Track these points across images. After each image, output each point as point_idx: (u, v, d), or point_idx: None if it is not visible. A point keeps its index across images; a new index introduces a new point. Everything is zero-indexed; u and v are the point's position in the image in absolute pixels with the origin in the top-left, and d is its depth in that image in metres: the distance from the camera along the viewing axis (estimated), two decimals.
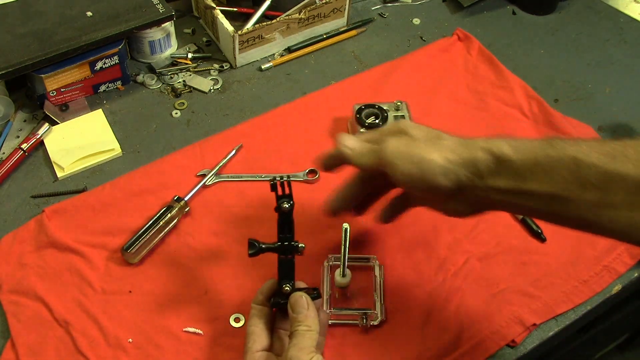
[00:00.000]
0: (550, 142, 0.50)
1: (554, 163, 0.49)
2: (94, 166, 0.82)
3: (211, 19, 0.97)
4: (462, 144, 0.54)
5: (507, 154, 0.51)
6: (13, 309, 0.67)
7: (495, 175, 0.52)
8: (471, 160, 0.53)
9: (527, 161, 0.50)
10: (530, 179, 0.50)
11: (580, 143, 0.49)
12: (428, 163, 0.53)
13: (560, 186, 0.49)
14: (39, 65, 0.82)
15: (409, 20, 1.06)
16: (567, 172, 0.49)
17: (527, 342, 0.67)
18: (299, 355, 0.55)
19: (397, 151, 0.55)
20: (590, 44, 1.02)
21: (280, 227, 0.61)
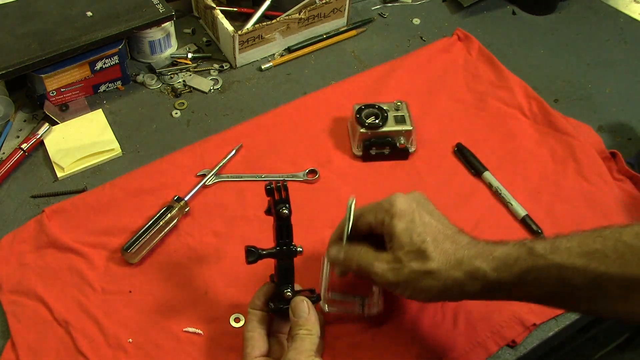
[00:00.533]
0: (530, 250, 0.53)
1: (538, 274, 0.52)
2: (94, 166, 0.82)
3: (211, 19, 0.97)
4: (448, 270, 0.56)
5: (491, 278, 0.54)
6: (13, 309, 0.67)
7: (485, 293, 0.56)
8: (458, 287, 0.56)
9: (511, 279, 0.54)
10: (521, 289, 0.54)
11: (560, 247, 0.52)
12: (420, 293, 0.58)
13: (550, 290, 0.53)
14: (39, 65, 0.82)
15: (409, 20, 1.06)
16: (553, 279, 0.52)
17: (527, 342, 0.67)
18: (298, 358, 0.55)
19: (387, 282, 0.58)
20: (590, 44, 1.02)
21: (279, 232, 0.61)
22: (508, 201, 0.78)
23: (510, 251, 0.54)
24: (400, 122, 0.82)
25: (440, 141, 0.85)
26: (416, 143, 0.84)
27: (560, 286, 0.52)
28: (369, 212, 0.62)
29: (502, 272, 0.54)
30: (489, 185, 0.80)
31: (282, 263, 0.61)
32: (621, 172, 0.82)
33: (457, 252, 0.57)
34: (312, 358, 0.55)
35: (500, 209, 0.78)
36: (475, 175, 0.82)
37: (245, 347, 0.60)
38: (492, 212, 0.78)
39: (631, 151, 0.86)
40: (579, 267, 0.50)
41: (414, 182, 0.80)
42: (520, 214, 0.76)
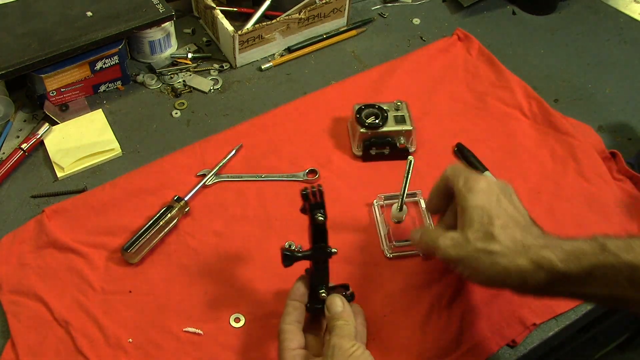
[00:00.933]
0: (602, 245, 0.52)
1: (608, 271, 0.51)
2: (94, 166, 0.82)
3: (211, 19, 0.97)
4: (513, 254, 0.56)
5: (558, 268, 0.53)
6: (13, 309, 0.67)
7: (548, 286, 0.54)
8: (520, 275, 0.55)
9: (580, 272, 0.52)
10: (586, 286, 0.53)
11: (633, 246, 0.51)
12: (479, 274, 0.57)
13: (618, 290, 0.51)
14: (39, 65, 0.82)
15: (409, 20, 1.06)
16: (623, 279, 0.50)
17: (527, 342, 0.67)
18: (341, 343, 0.56)
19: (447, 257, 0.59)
20: (590, 44, 1.02)
21: (314, 237, 0.62)
22: None
23: (580, 245, 0.53)
24: (400, 122, 0.82)
25: (440, 141, 0.85)
26: (416, 143, 0.84)
27: (629, 287, 0.50)
28: (455, 173, 0.63)
29: (571, 264, 0.52)
30: None
31: (317, 265, 0.62)
32: (621, 172, 0.82)
33: (526, 240, 0.56)
34: (354, 342, 0.56)
35: None
36: None
37: (282, 340, 0.59)
38: None
39: (631, 151, 0.86)
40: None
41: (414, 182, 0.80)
42: None
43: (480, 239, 0.57)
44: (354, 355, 0.54)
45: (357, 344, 0.56)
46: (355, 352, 0.55)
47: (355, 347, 0.55)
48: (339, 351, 0.55)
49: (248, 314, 0.68)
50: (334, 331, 0.58)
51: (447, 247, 0.59)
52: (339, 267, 0.71)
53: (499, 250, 0.56)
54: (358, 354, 0.55)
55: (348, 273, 0.71)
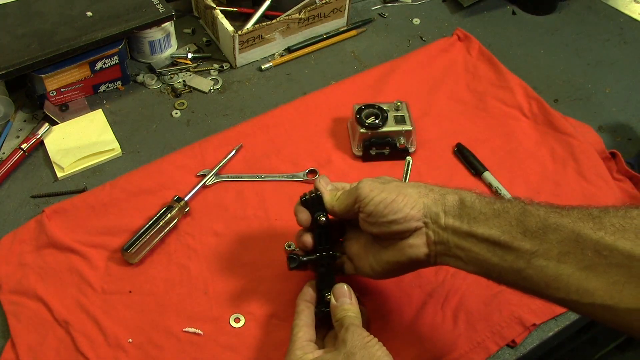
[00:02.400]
0: (522, 205, 0.53)
1: (505, 211, 0.53)
2: (94, 166, 0.82)
3: (211, 19, 0.97)
4: (434, 189, 0.58)
5: (472, 202, 0.55)
6: (13, 309, 0.67)
7: (454, 216, 0.56)
8: (440, 198, 0.57)
9: (487, 211, 0.54)
10: (481, 225, 0.54)
11: (541, 203, 0.53)
12: (402, 196, 0.57)
13: (504, 230, 0.52)
14: (39, 65, 0.82)
15: (409, 20, 1.06)
16: (514, 218, 0.52)
17: (527, 342, 0.67)
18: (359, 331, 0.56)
19: (372, 186, 0.59)
20: (590, 44, 1.02)
21: (318, 239, 0.63)
22: None
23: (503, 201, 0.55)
24: (400, 122, 0.82)
25: (440, 141, 0.85)
26: (416, 143, 0.84)
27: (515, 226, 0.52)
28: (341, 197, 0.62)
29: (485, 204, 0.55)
30: (489, 185, 0.80)
31: (322, 268, 0.63)
32: (621, 172, 0.82)
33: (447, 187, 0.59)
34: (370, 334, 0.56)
35: None
36: (475, 175, 0.82)
37: (295, 333, 0.59)
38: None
39: (631, 151, 0.86)
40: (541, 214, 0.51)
41: None
42: None
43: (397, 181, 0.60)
44: (371, 342, 0.54)
45: (373, 337, 0.56)
46: (372, 340, 0.55)
47: (371, 337, 0.55)
48: (358, 336, 0.55)
49: (248, 314, 0.68)
50: (348, 320, 0.57)
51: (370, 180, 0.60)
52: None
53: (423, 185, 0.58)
54: (374, 342, 0.55)
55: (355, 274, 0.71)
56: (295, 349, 0.57)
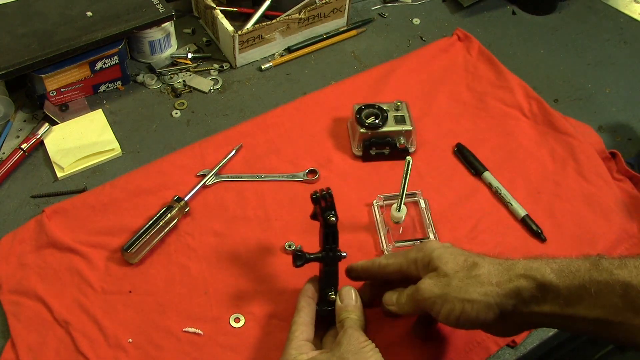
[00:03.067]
0: (595, 263, 0.49)
1: (601, 288, 0.48)
2: (94, 166, 0.82)
3: (211, 19, 0.97)
4: (500, 272, 0.53)
5: (550, 280, 0.50)
6: (13, 309, 0.67)
7: (539, 301, 0.51)
8: (514, 290, 0.51)
9: (573, 287, 0.49)
10: (577, 305, 0.49)
11: (629, 265, 0.48)
12: (469, 304, 0.52)
13: (611, 312, 0.48)
14: (39, 65, 0.82)
15: (409, 20, 1.05)
16: (617, 298, 0.47)
17: (527, 342, 0.67)
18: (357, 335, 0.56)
19: (433, 296, 0.54)
20: (590, 44, 1.02)
21: (326, 238, 0.62)
22: (508, 201, 0.78)
23: (574, 262, 0.51)
24: (400, 122, 0.82)
25: (440, 141, 0.85)
26: (416, 143, 0.84)
27: (623, 307, 0.47)
28: (397, 256, 0.60)
29: (564, 277, 0.50)
30: (489, 185, 0.80)
31: (327, 268, 0.63)
32: (621, 172, 0.82)
33: (511, 260, 0.54)
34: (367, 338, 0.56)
35: (500, 209, 0.78)
36: (475, 175, 0.82)
37: (293, 330, 0.59)
38: (492, 212, 0.78)
39: (631, 151, 0.86)
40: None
41: (414, 182, 0.80)
42: (520, 214, 0.76)
43: (461, 269, 0.54)
44: (366, 348, 0.55)
45: (370, 340, 0.56)
46: (368, 346, 0.55)
47: (368, 342, 0.55)
48: (354, 340, 0.55)
49: (248, 314, 0.68)
50: (348, 322, 0.58)
51: (430, 285, 0.54)
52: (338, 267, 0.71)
53: (485, 271, 0.53)
54: (370, 348, 0.55)
55: None
56: (291, 348, 0.57)
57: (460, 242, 0.74)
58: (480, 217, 0.77)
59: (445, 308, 0.53)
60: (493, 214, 0.78)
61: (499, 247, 0.74)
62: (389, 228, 0.74)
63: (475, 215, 0.77)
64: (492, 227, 0.76)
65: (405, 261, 0.59)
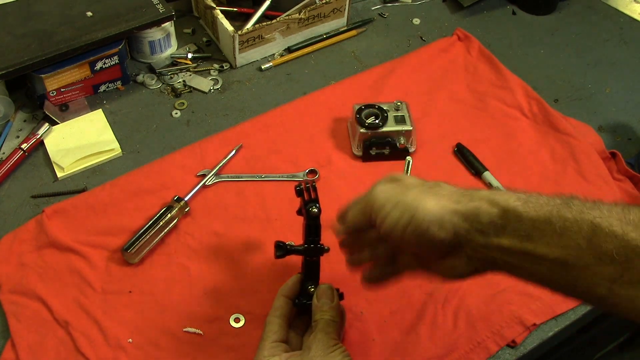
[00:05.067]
0: (566, 201, 0.44)
1: (567, 225, 0.43)
2: (94, 166, 0.82)
3: (211, 19, 0.97)
4: (463, 194, 0.48)
5: (515, 207, 0.45)
6: (13, 309, 0.67)
7: (499, 231, 0.46)
8: (473, 211, 0.46)
9: (538, 219, 0.44)
10: (540, 241, 0.44)
11: (601, 207, 0.43)
12: (421, 211, 0.47)
13: (573, 253, 0.43)
14: (39, 65, 0.82)
15: (409, 20, 1.06)
16: (583, 238, 0.42)
17: (527, 342, 0.67)
18: (326, 339, 0.56)
19: (385, 196, 0.49)
20: (590, 44, 1.02)
21: (308, 231, 0.62)
22: None
23: (543, 196, 0.46)
24: (400, 122, 0.82)
25: (440, 141, 0.85)
26: (416, 143, 0.84)
27: (587, 249, 0.42)
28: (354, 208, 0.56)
29: (528, 206, 0.44)
30: (489, 185, 0.80)
31: (309, 260, 0.63)
32: (621, 172, 0.82)
33: (476, 189, 0.49)
34: (338, 342, 0.56)
35: None
36: (475, 175, 0.82)
37: (266, 331, 0.59)
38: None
39: (631, 151, 0.86)
40: (617, 232, 0.41)
41: None
42: None
43: (422, 184, 0.49)
44: (334, 353, 0.55)
45: (340, 344, 0.56)
46: (336, 350, 0.55)
47: (337, 346, 0.56)
48: (322, 345, 0.55)
49: (248, 314, 0.68)
50: (320, 325, 0.58)
51: (384, 187, 0.50)
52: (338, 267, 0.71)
53: (447, 190, 0.48)
54: (338, 352, 0.55)
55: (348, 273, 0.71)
56: (264, 349, 0.58)
57: None
58: None
59: (393, 213, 0.48)
60: None
61: None
62: None
63: None
64: None
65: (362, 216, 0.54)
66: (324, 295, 0.60)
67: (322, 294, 0.60)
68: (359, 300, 0.69)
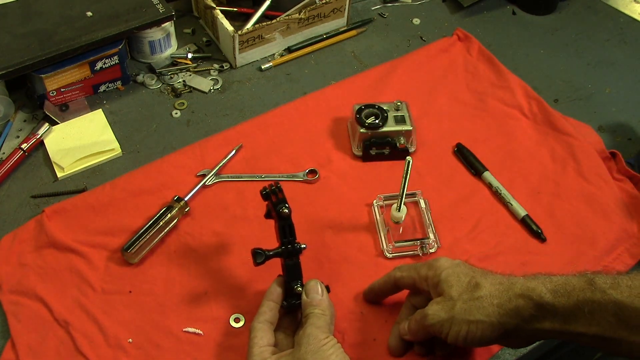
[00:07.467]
0: (589, 281, 0.52)
1: (595, 307, 0.51)
2: (94, 166, 0.82)
3: (211, 19, 0.97)
4: (501, 292, 0.56)
5: (546, 299, 0.53)
6: (13, 309, 0.67)
7: (539, 319, 0.54)
8: (513, 310, 0.54)
9: (568, 306, 0.52)
10: (575, 323, 0.52)
11: (621, 284, 0.51)
12: (474, 325, 0.55)
13: (607, 329, 0.51)
14: (39, 65, 0.82)
15: (409, 20, 1.05)
16: (612, 316, 0.50)
17: None
18: (316, 333, 0.56)
19: (440, 320, 0.57)
20: (590, 44, 1.02)
21: (282, 232, 0.62)
22: (508, 201, 0.78)
23: (569, 279, 0.53)
24: (400, 122, 0.82)
25: (440, 141, 0.85)
26: (416, 143, 0.84)
27: (616, 325, 0.50)
28: (410, 269, 0.63)
29: (559, 297, 0.53)
30: (489, 185, 0.80)
31: (289, 261, 0.63)
32: (621, 172, 0.82)
33: (511, 278, 0.57)
34: (328, 334, 0.57)
35: (500, 209, 0.78)
36: (475, 175, 0.82)
37: (252, 337, 0.60)
38: (492, 212, 0.78)
39: (631, 151, 0.86)
40: (637, 307, 0.49)
41: (414, 182, 0.80)
42: (520, 214, 0.76)
43: (465, 291, 0.57)
44: (326, 346, 0.55)
45: (331, 337, 0.57)
46: (328, 344, 0.56)
47: (328, 339, 0.56)
48: (313, 340, 0.56)
49: (248, 314, 0.68)
50: (310, 320, 0.58)
51: (437, 311, 0.57)
52: (338, 267, 0.71)
53: (487, 292, 0.56)
54: (330, 345, 0.55)
55: (348, 273, 0.71)
56: (254, 355, 0.58)
57: (460, 242, 0.74)
58: (480, 217, 0.77)
59: (452, 330, 0.56)
60: (493, 214, 0.78)
61: (499, 247, 0.74)
62: (389, 228, 0.74)
63: (475, 215, 0.77)
64: (492, 227, 0.76)
65: (418, 277, 0.62)
66: (312, 290, 0.61)
67: (311, 290, 0.61)
68: (359, 300, 0.69)
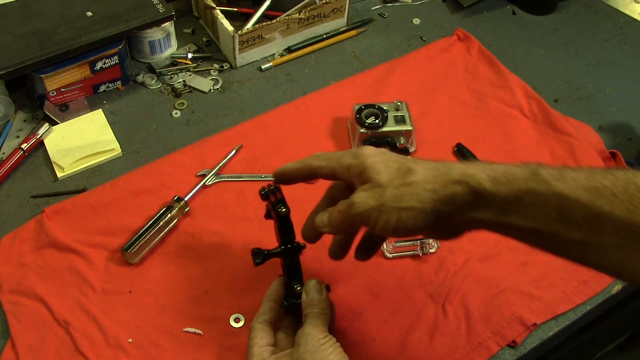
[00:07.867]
0: (534, 172, 0.48)
1: (537, 199, 0.46)
2: (94, 166, 0.82)
3: (211, 19, 0.97)
4: (436, 177, 0.51)
5: (485, 187, 0.48)
6: (13, 309, 0.67)
7: (475, 208, 0.49)
8: (449, 196, 0.50)
9: (508, 195, 0.48)
10: (512, 213, 0.48)
11: (566, 176, 0.46)
12: (406, 212, 0.50)
13: (543, 222, 0.47)
14: (39, 65, 0.82)
15: (409, 20, 1.06)
16: (550, 209, 0.46)
17: (527, 342, 0.67)
18: (315, 333, 0.56)
19: (368, 209, 0.52)
20: (590, 44, 1.02)
21: (281, 232, 0.62)
22: None
23: (512, 168, 0.49)
24: (400, 122, 0.82)
25: (440, 141, 0.85)
26: (416, 143, 0.84)
27: (556, 219, 0.46)
28: (330, 159, 0.57)
29: (499, 184, 0.48)
30: None
31: (289, 260, 0.63)
32: None
33: (447, 164, 0.51)
34: (327, 333, 0.56)
35: None
36: None
37: (252, 337, 0.59)
38: None
39: (631, 151, 0.86)
40: (582, 201, 0.44)
41: None
42: None
43: (395, 177, 0.51)
44: (325, 345, 0.55)
45: (330, 336, 0.56)
46: (327, 343, 0.55)
47: (327, 338, 0.56)
48: (312, 339, 0.55)
49: (248, 314, 0.68)
50: (309, 319, 0.58)
51: (364, 199, 0.51)
52: (338, 266, 0.71)
53: (420, 177, 0.50)
54: (328, 345, 0.55)
55: (348, 273, 0.71)
56: (253, 355, 0.58)
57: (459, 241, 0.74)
58: None
59: (381, 219, 0.51)
60: None
61: (499, 247, 0.74)
62: None
63: None
64: None
65: (339, 167, 0.56)
66: (312, 290, 0.61)
67: (311, 289, 0.61)
68: (359, 300, 0.69)
